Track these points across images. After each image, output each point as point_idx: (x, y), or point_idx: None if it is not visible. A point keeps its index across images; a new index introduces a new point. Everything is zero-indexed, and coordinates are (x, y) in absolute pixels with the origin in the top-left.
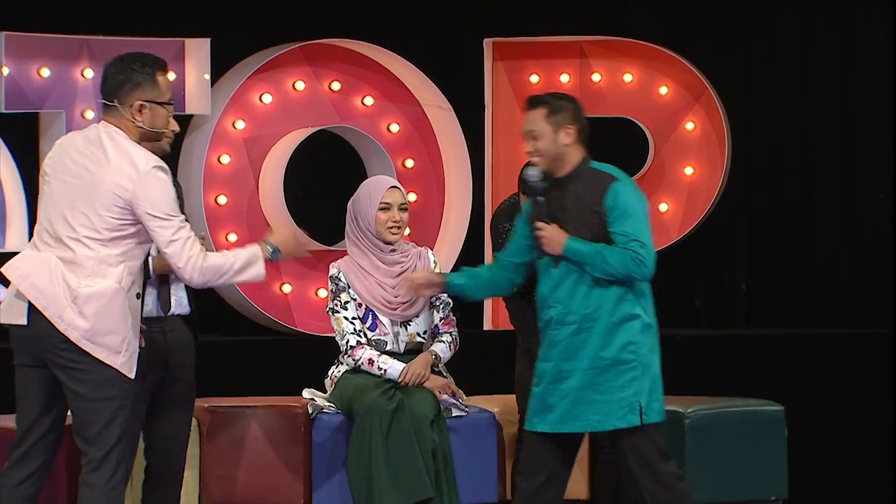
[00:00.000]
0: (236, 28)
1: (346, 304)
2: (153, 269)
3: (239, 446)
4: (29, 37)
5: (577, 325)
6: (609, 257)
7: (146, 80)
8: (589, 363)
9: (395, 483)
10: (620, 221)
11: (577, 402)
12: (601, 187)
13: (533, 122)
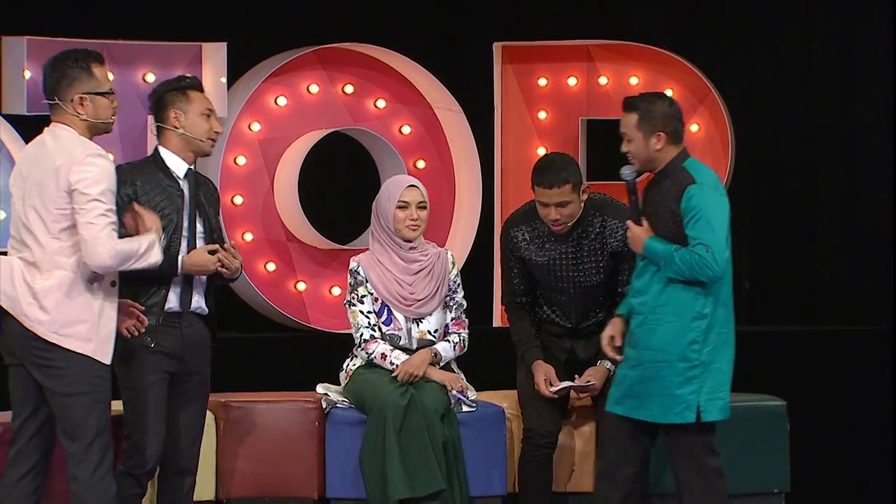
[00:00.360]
0: (252, 33)
1: (362, 298)
2: (181, 268)
3: (255, 440)
4: (50, 41)
5: (645, 317)
6: (677, 259)
7: (81, 72)
8: (653, 356)
9: (407, 475)
10: (692, 224)
11: (640, 392)
12: (680, 189)
13: (626, 126)
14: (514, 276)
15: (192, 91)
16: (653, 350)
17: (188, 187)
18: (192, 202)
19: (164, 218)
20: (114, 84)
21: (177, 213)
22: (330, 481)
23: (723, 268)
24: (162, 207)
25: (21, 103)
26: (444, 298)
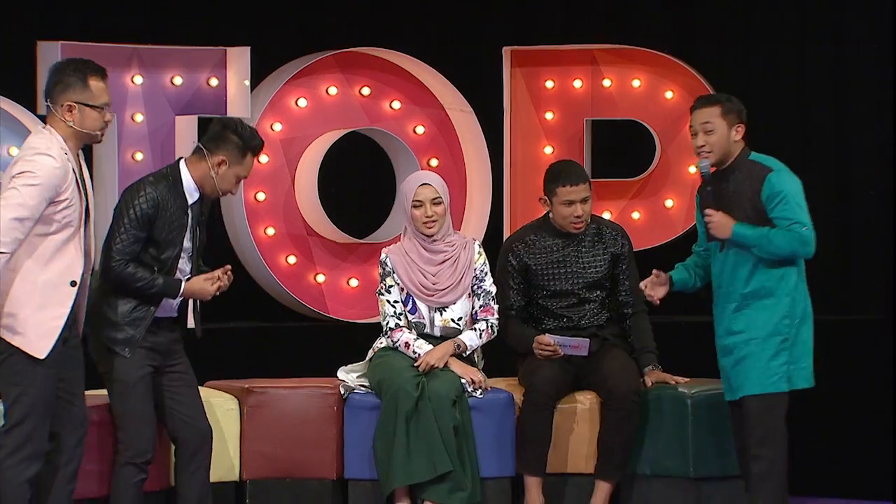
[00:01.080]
0: (274, 38)
1: (389, 288)
2: (185, 292)
3: (276, 424)
4: (83, 46)
5: (738, 304)
6: (775, 239)
7: (76, 81)
8: (747, 336)
9: (414, 459)
10: (780, 207)
11: (741, 370)
12: (759, 179)
13: (709, 116)
14: (513, 291)
15: (249, 154)
16: (747, 331)
17: (192, 213)
18: (192, 227)
19: (172, 239)
20: (142, 87)
21: (181, 236)
22: (348, 463)
23: (815, 245)
24: (173, 228)
25: None
26: (469, 287)
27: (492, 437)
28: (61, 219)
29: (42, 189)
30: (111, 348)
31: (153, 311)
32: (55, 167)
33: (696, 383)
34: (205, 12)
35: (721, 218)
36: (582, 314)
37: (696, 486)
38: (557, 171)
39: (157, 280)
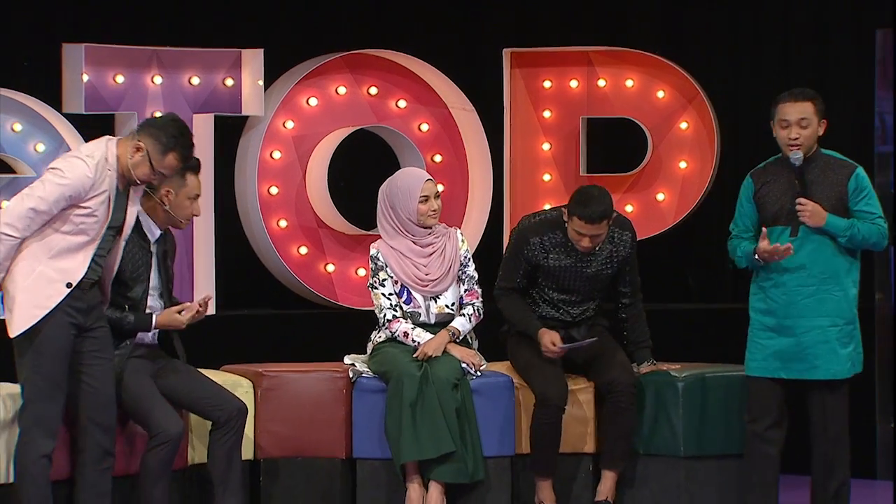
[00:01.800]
0: (286, 40)
1: (383, 282)
2: (157, 325)
3: (288, 406)
4: (105, 48)
5: (817, 287)
6: (863, 230)
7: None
8: (830, 321)
9: (416, 441)
10: (865, 201)
11: (819, 353)
12: (845, 173)
13: (805, 113)
14: (519, 274)
15: (189, 174)
16: (826, 316)
17: (157, 249)
18: (158, 262)
19: (138, 276)
20: (162, 86)
21: (147, 272)
22: (356, 443)
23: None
24: (137, 265)
25: (79, 103)
26: (456, 274)
27: (492, 418)
28: (78, 223)
29: (66, 188)
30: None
31: (130, 345)
32: (87, 175)
33: (685, 368)
34: (221, 16)
35: (815, 207)
36: (580, 310)
37: (685, 464)
38: (580, 199)
39: (129, 318)
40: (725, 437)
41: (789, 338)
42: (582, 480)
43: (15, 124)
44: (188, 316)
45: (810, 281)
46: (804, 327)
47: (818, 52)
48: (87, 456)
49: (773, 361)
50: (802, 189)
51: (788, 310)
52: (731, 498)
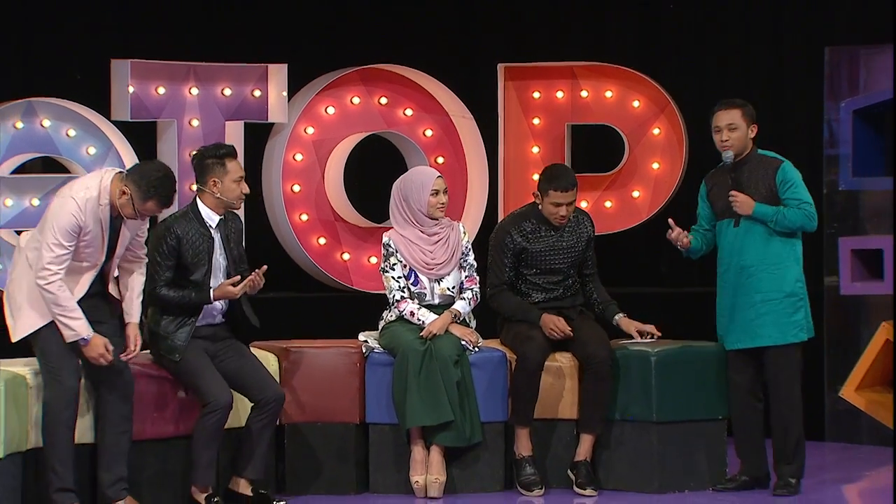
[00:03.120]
0: (307, 56)
1: (393, 266)
2: (214, 297)
3: (309, 377)
4: (148, 63)
5: (757, 268)
6: (789, 215)
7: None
8: (768, 296)
9: (421, 408)
10: (791, 190)
11: (761, 324)
12: (773, 167)
13: (734, 118)
14: (507, 269)
15: (228, 160)
16: (767, 291)
17: (219, 234)
18: (221, 245)
19: (199, 260)
20: (198, 97)
21: (209, 255)
22: (369, 410)
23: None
24: (198, 251)
25: (126, 112)
26: (458, 261)
27: (488, 389)
28: (79, 251)
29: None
30: (166, 356)
31: (194, 321)
32: (73, 214)
33: (658, 344)
34: (249, 35)
35: (744, 198)
36: (564, 287)
37: (658, 429)
38: (551, 175)
39: (191, 294)
40: (692, 405)
41: (741, 312)
42: (563, 443)
43: (70, 130)
44: (241, 287)
45: (753, 262)
46: (750, 303)
47: (774, 66)
48: (106, 421)
49: (733, 335)
50: (734, 184)
51: (737, 289)
52: (697, 457)
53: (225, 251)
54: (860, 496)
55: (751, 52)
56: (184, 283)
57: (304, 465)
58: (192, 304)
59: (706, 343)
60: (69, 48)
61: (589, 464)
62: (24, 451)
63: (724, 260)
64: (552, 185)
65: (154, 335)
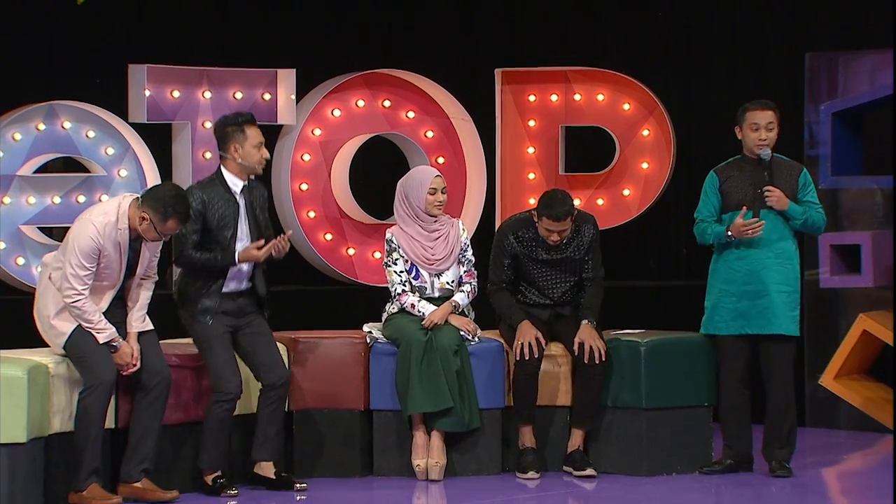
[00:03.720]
0: (314, 62)
1: (395, 261)
2: (237, 260)
3: (317, 366)
4: (164, 68)
5: (773, 260)
6: (814, 216)
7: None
8: (779, 287)
9: (422, 396)
10: (812, 194)
11: (773, 313)
12: (796, 170)
13: (772, 118)
14: (505, 268)
15: (248, 126)
16: (780, 283)
17: (244, 199)
18: (246, 210)
19: (225, 224)
20: (211, 100)
21: (234, 219)
22: (373, 397)
23: None
24: (223, 216)
25: (142, 114)
26: (457, 257)
27: (486, 377)
28: (100, 272)
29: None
30: (195, 318)
31: (221, 283)
32: (91, 238)
33: (647, 334)
34: (260, 42)
35: (780, 194)
36: (561, 292)
37: (647, 415)
38: (547, 203)
39: (216, 256)
40: (680, 392)
41: (752, 301)
42: (559, 429)
43: (89, 131)
44: (265, 250)
45: (768, 255)
46: (764, 292)
47: (758, 71)
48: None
49: (738, 321)
50: (771, 179)
51: (750, 277)
52: (684, 442)
53: (249, 216)
54: (839, 478)
55: (735, 57)
56: (211, 245)
57: (312, 449)
58: (217, 265)
59: (693, 333)
60: (89, 54)
61: (582, 451)
62: (46, 436)
63: (736, 250)
64: (546, 213)
65: (184, 297)
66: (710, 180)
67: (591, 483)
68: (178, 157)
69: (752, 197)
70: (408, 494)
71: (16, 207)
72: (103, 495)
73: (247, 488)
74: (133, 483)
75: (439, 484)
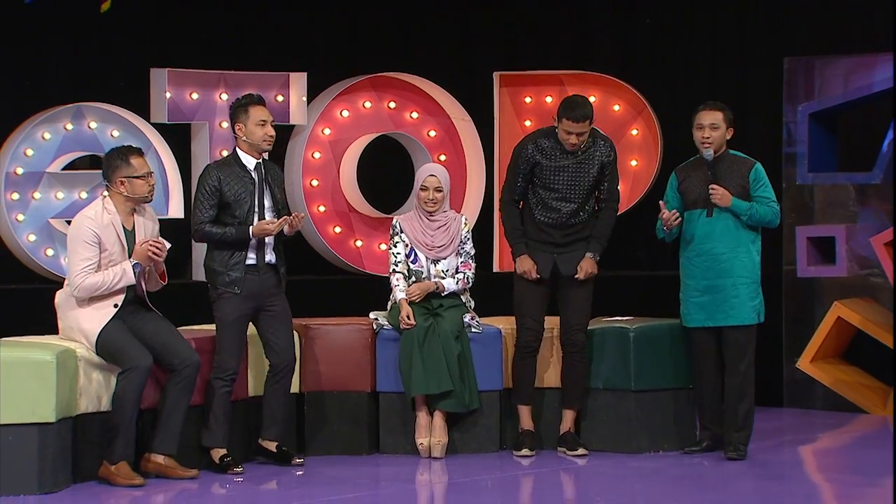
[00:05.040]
0: (324, 66)
1: (396, 244)
2: (252, 234)
3: (326, 351)
4: (183, 72)
5: (728, 254)
6: (760, 211)
7: (121, 163)
8: (735, 280)
9: (424, 379)
10: (762, 189)
11: (731, 305)
12: (747, 166)
13: (716, 119)
14: (519, 179)
15: (251, 106)
16: (737, 276)
17: (257, 176)
18: (261, 186)
19: (240, 200)
20: (228, 101)
21: (249, 195)
22: (379, 380)
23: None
24: (238, 192)
25: (163, 115)
26: (457, 248)
27: (486, 361)
28: (107, 263)
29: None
30: (220, 291)
31: (244, 256)
32: (89, 219)
33: (636, 321)
34: (273, 47)
35: (724, 192)
36: (570, 213)
37: (635, 396)
38: (567, 105)
39: (231, 230)
40: (666, 375)
41: (712, 295)
42: (552, 409)
43: (114, 131)
44: (277, 224)
45: (723, 250)
46: (721, 286)
47: (739, 74)
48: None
49: (701, 313)
50: (714, 178)
51: (707, 272)
52: (670, 422)
53: (262, 193)
54: (804, 458)
55: (718, 61)
56: (228, 220)
57: (322, 429)
58: (233, 239)
59: (678, 320)
60: (113, 59)
61: (573, 432)
62: (74, 417)
63: (694, 246)
64: (566, 115)
65: (211, 271)
66: (671, 180)
67: (584, 460)
68: (196, 155)
69: (703, 196)
70: (412, 471)
71: (45, 202)
72: (129, 475)
73: (251, 465)
74: (158, 460)
75: (441, 461)
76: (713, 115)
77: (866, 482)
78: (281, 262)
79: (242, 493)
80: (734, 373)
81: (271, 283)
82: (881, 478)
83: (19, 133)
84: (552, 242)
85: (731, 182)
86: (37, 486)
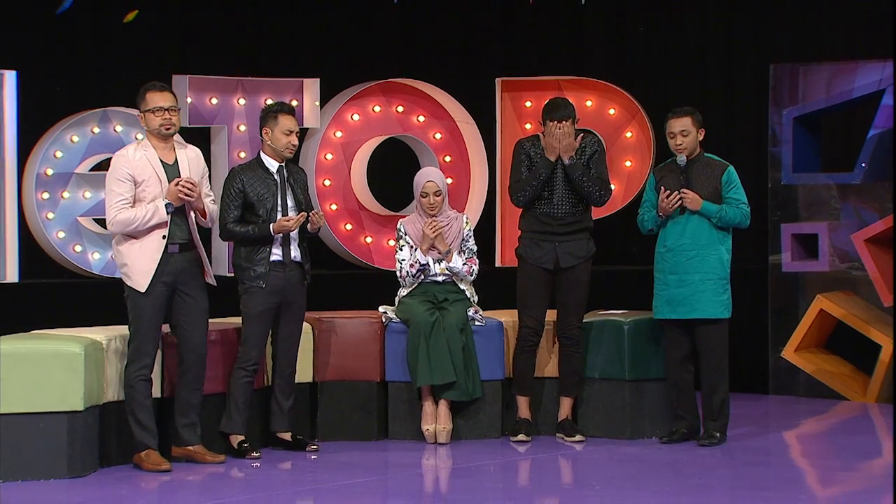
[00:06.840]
0: (336, 72)
1: (402, 247)
2: (274, 231)
3: (338, 342)
4: (203, 78)
5: (697, 252)
6: (730, 213)
7: (139, 99)
8: (703, 276)
9: (429, 370)
10: (734, 191)
11: (697, 299)
12: (720, 169)
13: (685, 125)
14: (523, 169)
15: (281, 115)
16: (706, 272)
17: (280, 178)
18: (283, 187)
19: (264, 199)
20: (245, 106)
21: (272, 196)
22: (388, 370)
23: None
24: (261, 193)
25: (184, 118)
26: (459, 246)
27: (489, 352)
28: (144, 197)
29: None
30: (247, 286)
31: (269, 252)
32: (125, 156)
33: (630, 314)
34: (288, 54)
35: (693, 196)
36: (569, 206)
37: (630, 385)
38: (550, 107)
39: (254, 227)
40: (658, 366)
41: (679, 288)
42: (550, 398)
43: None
44: (295, 221)
45: (692, 247)
46: (687, 281)
47: (727, 79)
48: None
49: (668, 306)
50: (686, 182)
51: (675, 267)
52: (661, 410)
53: (284, 193)
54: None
55: (707, 67)
56: (253, 219)
57: (334, 416)
58: (256, 236)
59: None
60: (138, 65)
61: (571, 420)
62: (101, 405)
63: (668, 243)
64: (548, 116)
65: (238, 267)
66: (649, 180)
67: (581, 445)
68: (215, 157)
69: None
70: (418, 456)
71: (73, 201)
72: (158, 461)
73: (267, 450)
74: (187, 446)
75: (446, 446)
76: (682, 122)
77: (845, 466)
78: (306, 259)
79: (260, 475)
80: (707, 366)
81: (296, 280)
82: (860, 462)
83: (49, 136)
84: (552, 232)
85: (703, 185)
86: (66, 470)
